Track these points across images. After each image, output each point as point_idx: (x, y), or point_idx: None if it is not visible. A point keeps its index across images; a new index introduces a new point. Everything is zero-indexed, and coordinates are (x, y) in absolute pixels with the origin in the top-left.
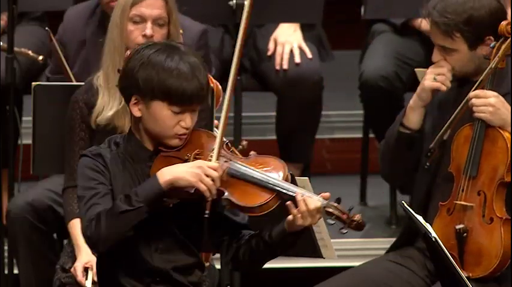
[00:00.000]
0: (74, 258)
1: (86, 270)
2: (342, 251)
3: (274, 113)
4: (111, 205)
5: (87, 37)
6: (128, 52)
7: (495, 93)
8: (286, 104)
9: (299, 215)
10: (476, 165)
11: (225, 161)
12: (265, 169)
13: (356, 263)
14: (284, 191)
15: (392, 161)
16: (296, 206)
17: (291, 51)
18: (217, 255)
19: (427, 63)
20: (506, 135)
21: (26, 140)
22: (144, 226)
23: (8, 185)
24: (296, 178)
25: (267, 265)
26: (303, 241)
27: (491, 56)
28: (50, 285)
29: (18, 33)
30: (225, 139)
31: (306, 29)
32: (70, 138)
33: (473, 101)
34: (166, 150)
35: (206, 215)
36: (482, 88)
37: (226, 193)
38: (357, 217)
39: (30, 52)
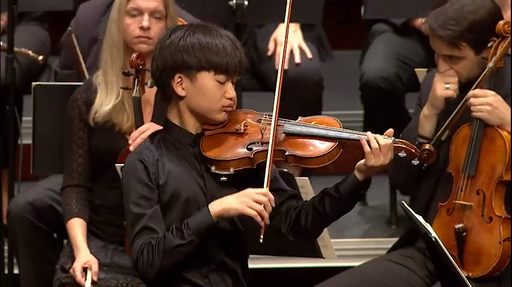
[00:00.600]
0: (73, 258)
1: (84, 270)
2: (342, 251)
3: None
4: (160, 224)
5: (99, 35)
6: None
7: (493, 93)
8: (287, 104)
9: (372, 155)
10: (474, 164)
11: (279, 125)
12: (319, 123)
13: (356, 263)
14: (347, 137)
15: (408, 172)
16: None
17: (291, 52)
18: None
19: (428, 63)
20: (505, 134)
21: (26, 140)
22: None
23: (8, 185)
24: (296, 178)
25: (267, 265)
26: (303, 241)
27: (489, 55)
28: (50, 285)
29: (18, 33)
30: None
31: (306, 29)
32: (69, 137)
33: (472, 100)
34: (211, 128)
35: (260, 241)
36: (481, 88)
37: (287, 151)
38: (428, 146)
39: (30, 52)
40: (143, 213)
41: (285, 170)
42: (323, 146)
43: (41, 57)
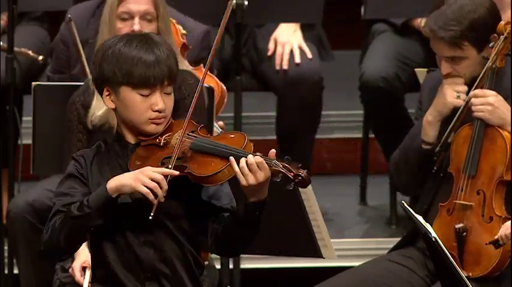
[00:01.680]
0: (73, 258)
1: (83, 270)
2: (342, 251)
3: (274, 113)
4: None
5: (89, 37)
6: None
7: (494, 93)
8: (286, 104)
9: (241, 174)
10: (475, 164)
11: (189, 140)
12: (226, 140)
13: (356, 263)
14: (236, 155)
15: (411, 175)
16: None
17: (291, 52)
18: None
19: (427, 63)
20: (505, 134)
21: (26, 140)
22: (131, 217)
23: (8, 185)
24: None
25: (267, 265)
26: (303, 241)
27: (491, 55)
28: (50, 285)
29: (18, 33)
30: (201, 124)
31: (306, 29)
32: (68, 139)
33: (472, 100)
34: (145, 139)
35: (150, 217)
36: (482, 88)
37: (187, 168)
38: (303, 173)
39: (30, 52)
40: (62, 199)
41: None
42: (217, 165)
43: (41, 57)
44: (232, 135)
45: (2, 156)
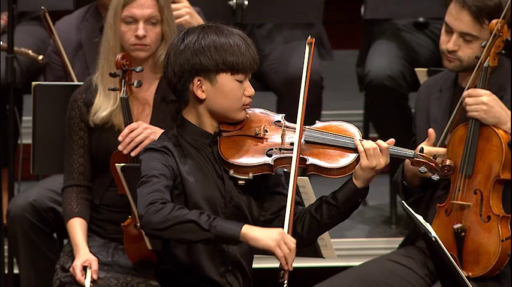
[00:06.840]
0: (73, 257)
1: (84, 269)
2: (342, 251)
3: None
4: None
5: (82, 40)
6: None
7: (488, 92)
8: (286, 104)
9: (363, 154)
10: (471, 164)
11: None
12: (339, 131)
13: (356, 263)
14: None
15: (406, 194)
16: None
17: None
18: None
19: (430, 62)
20: (500, 133)
21: (26, 140)
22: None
23: (8, 185)
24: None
25: (267, 265)
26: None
27: (483, 54)
28: (50, 285)
29: (18, 33)
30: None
31: (306, 28)
32: (69, 137)
33: (467, 100)
34: (229, 130)
35: (285, 285)
36: (475, 87)
37: (309, 159)
38: (448, 161)
39: (30, 52)
40: (159, 181)
41: (285, 170)
42: (345, 157)
43: (41, 57)
44: (340, 126)
45: (2, 156)
